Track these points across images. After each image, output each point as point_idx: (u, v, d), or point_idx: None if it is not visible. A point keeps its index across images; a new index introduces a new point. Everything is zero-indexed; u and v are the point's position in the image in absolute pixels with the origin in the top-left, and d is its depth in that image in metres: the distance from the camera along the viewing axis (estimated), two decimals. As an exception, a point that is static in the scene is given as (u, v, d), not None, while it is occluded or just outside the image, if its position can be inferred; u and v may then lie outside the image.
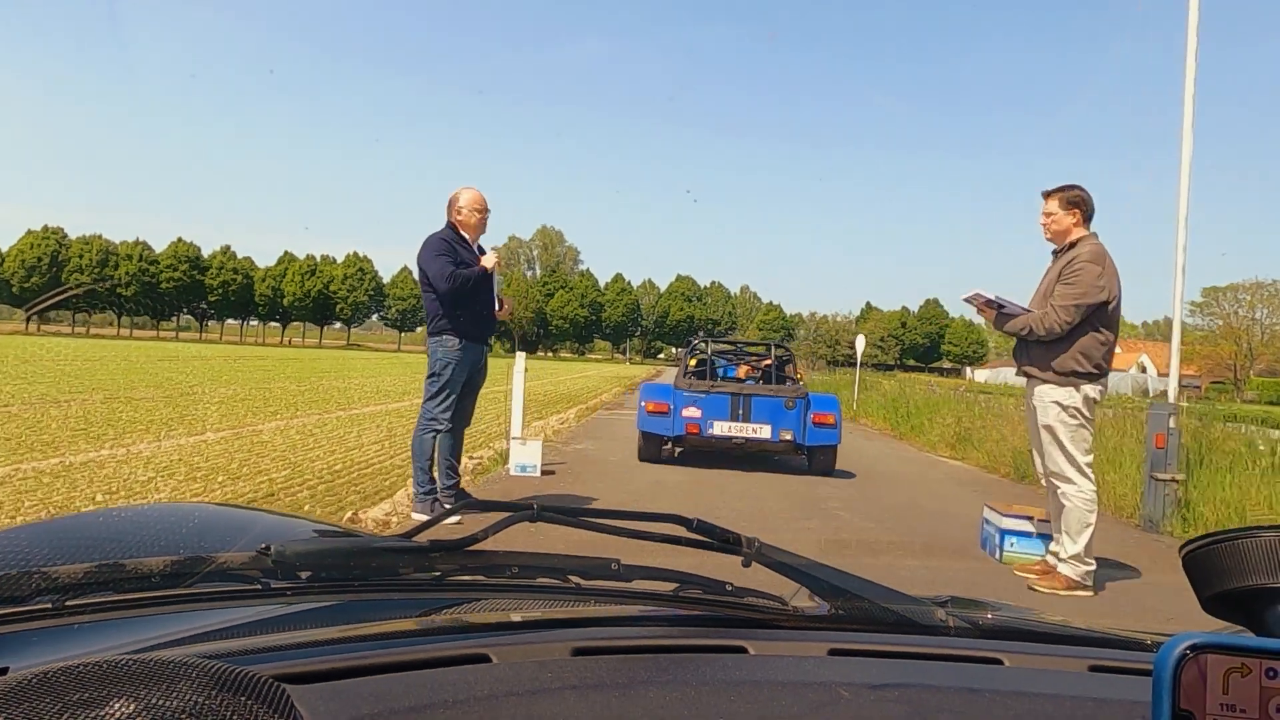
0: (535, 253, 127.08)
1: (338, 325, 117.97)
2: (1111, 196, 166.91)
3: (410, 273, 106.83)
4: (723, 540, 0.95)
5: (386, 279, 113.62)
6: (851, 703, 0.78)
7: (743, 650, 0.90)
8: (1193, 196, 6.59)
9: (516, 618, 0.95)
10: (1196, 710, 0.57)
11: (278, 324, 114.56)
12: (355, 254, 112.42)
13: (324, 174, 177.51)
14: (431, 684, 0.75)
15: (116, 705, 0.51)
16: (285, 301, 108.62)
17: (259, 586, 0.82)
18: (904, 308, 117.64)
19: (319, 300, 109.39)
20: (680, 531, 0.95)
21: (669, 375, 55.74)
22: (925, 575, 4.98)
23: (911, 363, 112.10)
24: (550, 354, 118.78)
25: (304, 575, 0.84)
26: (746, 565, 0.95)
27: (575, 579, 0.93)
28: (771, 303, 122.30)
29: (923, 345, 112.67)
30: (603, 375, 43.16)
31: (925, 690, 0.84)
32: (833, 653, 0.91)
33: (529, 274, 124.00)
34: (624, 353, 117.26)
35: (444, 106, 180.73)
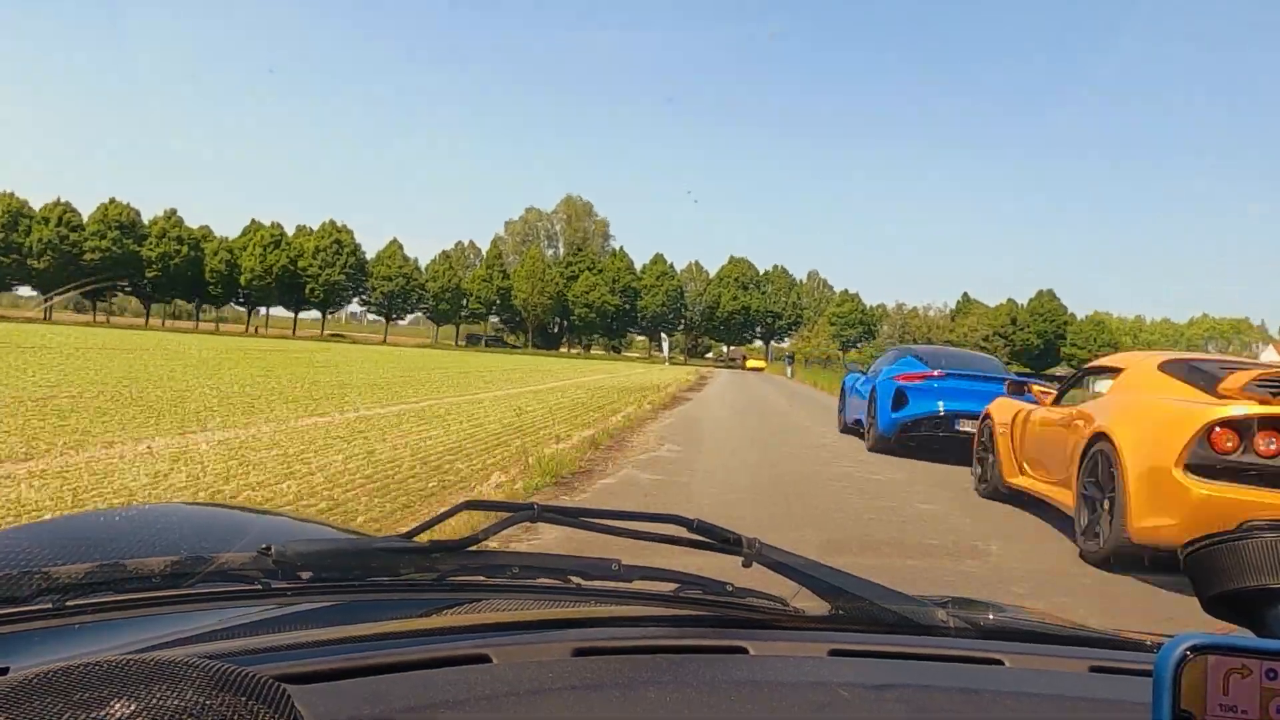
0: (558, 227, 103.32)
1: (316, 313, 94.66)
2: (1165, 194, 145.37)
3: (400, 248, 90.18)
4: (723, 540, 0.95)
5: (370, 254, 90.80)
6: (852, 703, 0.79)
7: (743, 651, 0.90)
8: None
9: (517, 618, 0.95)
10: (1197, 711, 0.57)
11: (243, 307, 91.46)
12: (332, 223, 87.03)
13: (328, 150, 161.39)
14: (432, 684, 0.75)
15: (117, 705, 0.51)
16: (243, 279, 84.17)
17: (259, 587, 0.82)
18: (1010, 300, 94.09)
19: (284, 278, 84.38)
20: (681, 532, 0.95)
21: (719, 385, 32.68)
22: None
23: (1020, 368, 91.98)
24: (581, 350, 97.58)
25: (304, 575, 0.84)
26: (747, 565, 0.95)
27: (575, 579, 0.93)
28: (846, 292, 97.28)
29: (1037, 346, 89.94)
30: (600, 387, 24.11)
31: (926, 691, 0.84)
32: (833, 653, 0.91)
33: (550, 252, 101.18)
34: (661, 349, 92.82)
35: (472, 74, 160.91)
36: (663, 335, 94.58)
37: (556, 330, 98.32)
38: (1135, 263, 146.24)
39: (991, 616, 1.07)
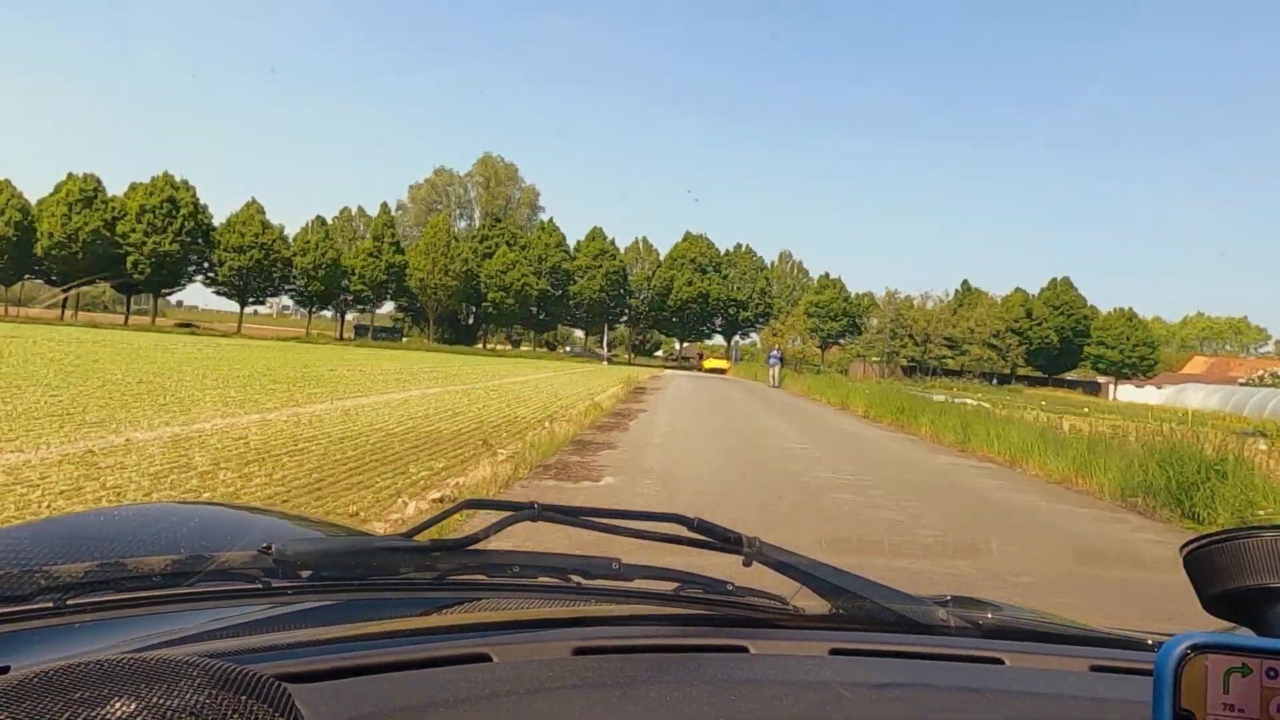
0: (473, 193, 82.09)
1: (173, 297, 69.63)
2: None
3: (260, 212, 66.26)
4: (723, 540, 0.95)
5: (220, 219, 66.60)
6: (853, 703, 0.79)
7: (744, 650, 0.90)
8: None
9: (517, 617, 0.95)
10: (1197, 710, 0.57)
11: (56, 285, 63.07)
12: (166, 177, 63.83)
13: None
14: (432, 683, 0.75)
15: (117, 704, 0.51)
16: (39, 248, 61.36)
17: (260, 585, 0.83)
18: (1017, 289, 75.52)
19: (95, 247, 61.21)
20: (681, 531, 0.95)
21: (676, 414, 15.56)
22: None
23: (1030, 372, 73.50)
24: (509, 345, 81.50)
25: (305, 574, 0.84)
26: (747, 564, 0.95)
27: (576, 578, 0.93)
28: (827, 276, 77.10)
29: (1055, 345, 72.87)
30: (363, 432, 9.89)
31: (926, 690, 0.84)
32: (834, 652, 0.91)
33: (463, 224, 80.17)
34: (604, 345, 76.08)
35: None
36: (605, 328, 75.79)
37: (471, 321, 77.66)
38: (1129, 259, 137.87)
39: (991, 616, 1.06)
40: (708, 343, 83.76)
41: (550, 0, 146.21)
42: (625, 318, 78.71)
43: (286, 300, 74.39)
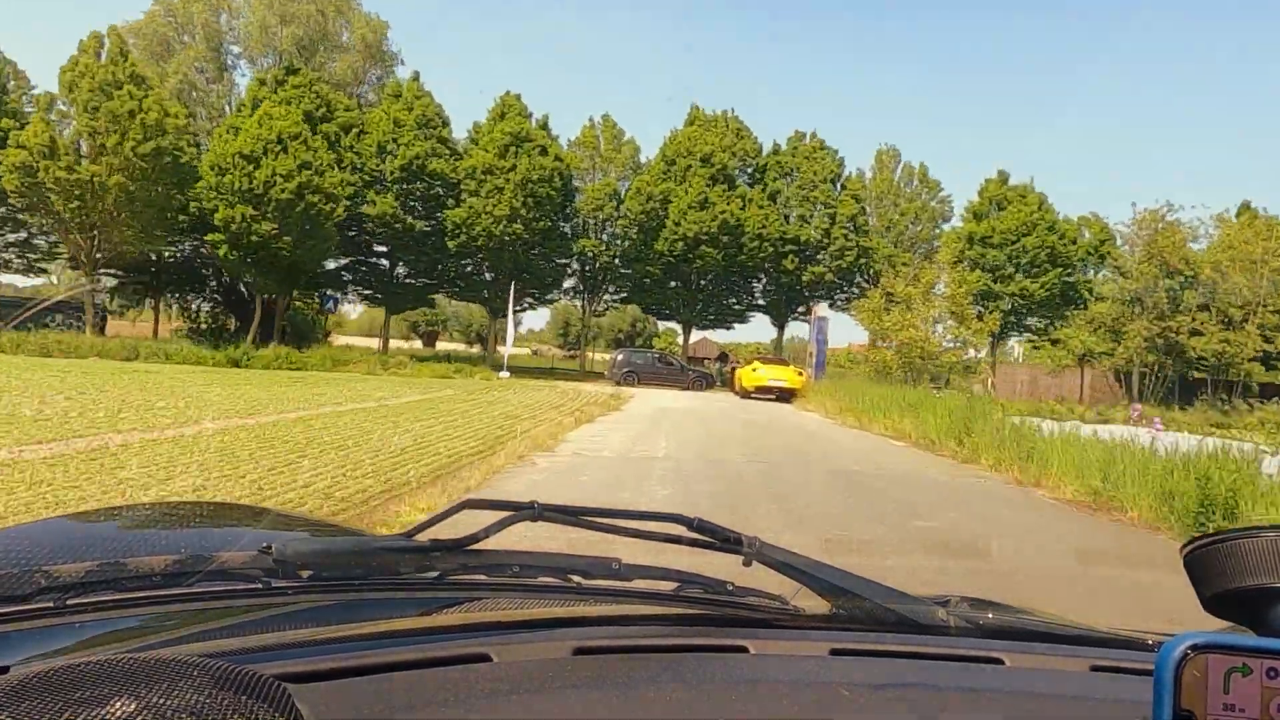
0: (255, 31, 35.56)
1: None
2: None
3: None
4: (723, 540, 0.95)
5: None
6: (853, 702, 0.79)
7: (744, 650, 0.90)
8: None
9: (517, 617, 0.95)
10: (1197, 710, 0.57)
11: None
12: None
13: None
14: (433, 683, 0.75)
15: (118, 704, 0.51)
16: None
17: (260, 585, 0.83)
18: None
19: None
20: (681, 531, 0.95)
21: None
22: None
23: None
24: (415, 346, 40.75)
25: (305, 574, 0.84)
26: (747, 565, 0.95)
27: (576, 578, 0.93)
28: (1003, 177, 35.34)
29: None
30: None
31: (926, 690, 0.84)
32: (834, 652, 0.91)
33: (239, 84, 35.63)
34: (510, 335, 31.16)
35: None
36: (511, 298, 29.81)
37: (262, 292, 28.41)
38: None
39: (992, 616, 1.07)
40: (729, 339, 42.97)
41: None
42: (570, 278, 37.38)
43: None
